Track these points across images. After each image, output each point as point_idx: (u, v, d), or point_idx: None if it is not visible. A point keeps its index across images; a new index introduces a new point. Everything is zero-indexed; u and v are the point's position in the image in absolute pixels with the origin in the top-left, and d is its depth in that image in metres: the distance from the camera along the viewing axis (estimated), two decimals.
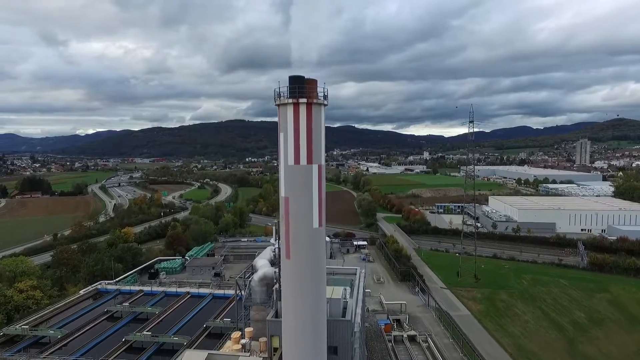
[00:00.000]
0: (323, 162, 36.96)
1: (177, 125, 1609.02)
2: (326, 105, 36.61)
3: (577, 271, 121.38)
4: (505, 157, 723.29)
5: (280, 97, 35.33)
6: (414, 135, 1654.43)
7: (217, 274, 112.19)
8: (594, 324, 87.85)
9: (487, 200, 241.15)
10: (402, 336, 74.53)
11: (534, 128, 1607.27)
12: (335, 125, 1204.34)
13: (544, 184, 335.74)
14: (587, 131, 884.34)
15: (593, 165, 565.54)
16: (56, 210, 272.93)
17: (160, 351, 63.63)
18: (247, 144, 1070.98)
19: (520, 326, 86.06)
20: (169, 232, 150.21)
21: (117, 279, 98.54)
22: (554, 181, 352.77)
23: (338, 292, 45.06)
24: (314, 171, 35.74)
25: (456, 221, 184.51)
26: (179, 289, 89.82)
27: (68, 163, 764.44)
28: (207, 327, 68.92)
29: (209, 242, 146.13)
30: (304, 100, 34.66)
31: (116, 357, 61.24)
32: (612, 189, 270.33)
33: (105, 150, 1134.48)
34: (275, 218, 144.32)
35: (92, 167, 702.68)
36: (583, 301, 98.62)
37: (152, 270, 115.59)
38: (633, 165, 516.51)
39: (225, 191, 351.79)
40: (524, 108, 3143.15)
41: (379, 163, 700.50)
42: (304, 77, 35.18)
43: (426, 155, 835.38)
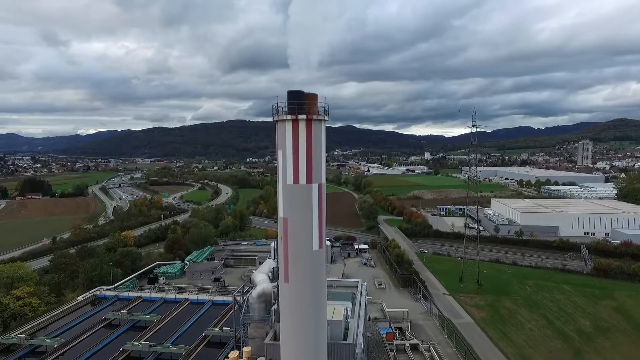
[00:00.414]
0: (324, 181, 35.23)
1: (178, 125, 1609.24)
2: (327, 120, 34.97)
3: (581, 276, 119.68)
4: (506, 158, 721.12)
5: (278, 113, 33.72)
6: (415, 135, 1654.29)
7: (217, 279, 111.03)
8: (600, 333, 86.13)
9: (489, 202, 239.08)
10: (404, 345, 73.05)
11: (536, 128, 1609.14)
12: (336, 125, 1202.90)
13: (546, 186, 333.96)
14: (589, 131, 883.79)
15: (595, 166, 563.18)
16: (56, 212, 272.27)
17: None
18: (248, 144, 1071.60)
19: (524, 335, 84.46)
20: (169, 236, 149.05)
21: (116, 285, 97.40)
22: (556, 182, 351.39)
23: (339, 313, 43.32)
24: (314, 191, 33.98)
25: (458, 224, 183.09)
26: (178, 295, 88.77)
27: (69, 163, 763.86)
28: (206, 336, 67.70)
29: (209, 246, 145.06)
30: (303, 116, 33.12)
31: None
32: (615, 191, 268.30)
33: (106, 150, 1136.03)
34: (275, 220, 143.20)
35: (93, 168, 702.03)
36: (588, 308, 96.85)
37: (152, 275, 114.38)
38: (635, 166, 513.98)
39: (225, 192, 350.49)
40: (526, 108, 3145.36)
41: (380, 163, 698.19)
42: (303, 92, 33.60)
43: (427, 155, 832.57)
